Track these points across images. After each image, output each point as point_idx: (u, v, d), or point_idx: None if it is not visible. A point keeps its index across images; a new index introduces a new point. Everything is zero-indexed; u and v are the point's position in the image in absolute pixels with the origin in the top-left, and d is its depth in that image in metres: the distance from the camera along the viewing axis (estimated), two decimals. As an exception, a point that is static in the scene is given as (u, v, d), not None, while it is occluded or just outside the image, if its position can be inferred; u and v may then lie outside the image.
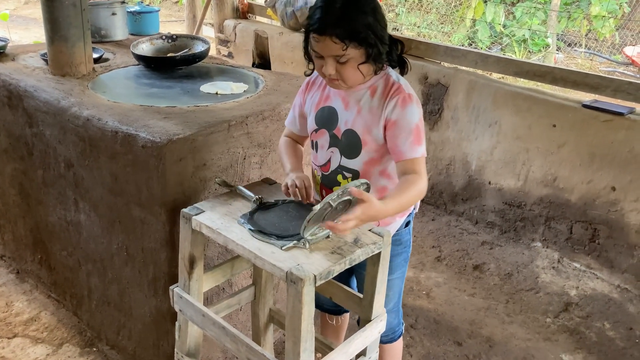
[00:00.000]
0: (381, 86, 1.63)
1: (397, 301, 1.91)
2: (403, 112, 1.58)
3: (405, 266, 1.88)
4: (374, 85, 1.63)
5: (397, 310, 1.93)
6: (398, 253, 1.83)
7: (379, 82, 1.63)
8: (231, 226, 1.57)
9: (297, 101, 1.82)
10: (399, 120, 1.59)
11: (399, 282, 1.88)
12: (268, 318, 2.05)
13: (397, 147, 1.59)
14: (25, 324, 2.55)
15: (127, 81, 2.37)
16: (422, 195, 1.60)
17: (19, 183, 2.48)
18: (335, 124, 1.69)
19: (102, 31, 2.88)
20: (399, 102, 1.58)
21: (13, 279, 2.85)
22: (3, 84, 2.29)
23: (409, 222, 1.84)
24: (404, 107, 1.58)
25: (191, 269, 1.70)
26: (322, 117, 1.72)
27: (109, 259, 2.14)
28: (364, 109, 1.63)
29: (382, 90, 1.62)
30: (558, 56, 7.04)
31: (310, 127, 1.76)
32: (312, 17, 1.53)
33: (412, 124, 1.58)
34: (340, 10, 1.49)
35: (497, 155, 3.30)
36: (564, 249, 3.11)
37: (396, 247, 1.81)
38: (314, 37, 1.53)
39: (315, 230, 1.47)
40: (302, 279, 1.35)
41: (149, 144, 1.75)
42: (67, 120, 2.02)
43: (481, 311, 2.74)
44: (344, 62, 1.53)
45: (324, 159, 1.74)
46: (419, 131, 1.59)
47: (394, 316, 1.93)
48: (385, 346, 1.98)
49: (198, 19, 4.89)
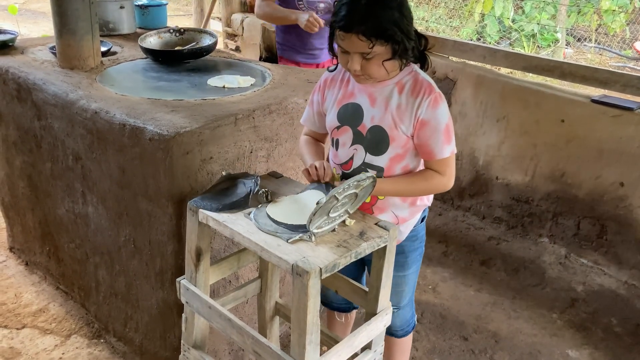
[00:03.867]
0: (409, 83, 1.62)
1: (411, 296, 1.93)
2: (435, 112, 1.59)
3: (419, 262, 1.90)
4: (402, 82, 1.63)
5: (411, 306, 1.95)
6: (414, 248, 1.84)
7: (407, 79, 1.63)
8: (238, 219, 1.58)
9: (315, 99, 1.79)
10: (431, 121, 1.60)
11: (414, 277, 1.90)
12: (274, 311, 2.05)
13: (428, 147, 1.62)
14: (34, 315, 2.57)
15: (135, 74, 2.38)
16: (435, 191, 1.70)
17: (28, 175, 2.50)
18: (360, 121, 1.67)
19: (110, 24, 2.88)
20: (431, 102, 1.59)
21: (22, 270, 2.87)
22: (12, 77, 2.30)
23: (424, 218, 1.85)
24: (435, 108, 1.59)
25: (198, 262, 1.71)
26: (346, 113, 1.70)
27: (117, 252, 2.15)
28: (392, 106, 1.63)
29: (412, 88, 1.62)
30: (567, 51, 6.99)
31: (331, 124, 1.74)
32: (338, 14, 1.53)
33: (442, 124, 1.61)
34: (365, 7, 1.48)
35: (505, 151, 3.29)
36: (572, 244, 3.10)
37: (412, 243, 1.83)
38: (339, 34, 1.53)
39: (321, 223, 1.47)
40: (308, 271, 1.36)
41: (156, 137, 1.76)
42: (75, 113, 2.03)
43: (487, 306, 2.74)
44: (370, 58, 1.54)
45: (345, 156, 1.72)
46: (449, 130, 1.62)
47: (409, 309, 1.95)
48: (398, 340, 2.00)
49: (206, 12, 4.89)
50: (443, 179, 1.66)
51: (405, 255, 1.84)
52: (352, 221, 1.57)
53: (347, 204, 1.50)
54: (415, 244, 1.83)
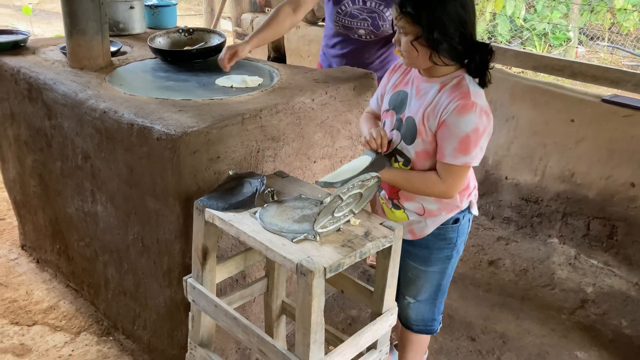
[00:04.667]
0: (451, 85, 1.64)
1: (434, 295, 1.92)
2: (458, 118, 1.59)
3: (448, 265, 1.87)
4: (445, 82, 1.66)
5: (431, 304, 1.94)
6: (439, 247, 1.84)
7: (452, 82, 1.65)
8: (244, 218, 1.59)
9: (383, 81, 1.89)
10: (451, 125, 1.61)
11: (437, 277, 1.89)
12: (280, 310, 2.06)
13: (441, 148, 1.65)
14: (45, 312, 2.60)
15: (144, 74, 2.40)
16: (431, 195, 1.72)
17: (39, 174, 2.52)
18: (403, 109, 1.75)
19: (121, 24, 2.91)
20: (458, 107, 1.59)
21: (33, 268, 2.91)
22: (24, 77, 2.33)
23: (458, 220, 1.82)
24: (460, 114, 1.59)
25: (204, 260, 1.72)
26: (396, 99, 1.79)
27: (125, 250, 2.17)
28: (427, 101, 1.67)
29: (451, 90, 1.64)
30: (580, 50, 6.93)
31: (383, 106, 1.85)
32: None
33: (462, 133, 1.60)
34: None
35: (514, 150, 3.27)
36: (581, 245, 3.08)
37: (439, 242, 1.83)
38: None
39: (326, 223, 1.48)
40: (312, 271, 1.36)
41: (164, 137, 1.77)
42: (84, 112, 2.05)
43: (495, 307, 2.73)
44: (402, 33, 1.62)
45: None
46: (468, 141, 1.60)
47: (428, 309, 1.95)
48: (412, 335, 2.01)
49: (216, 12, 4.91)
50: (441, 185, 1.67)
51: (430, 250, 1.85)
52: (357, 221, 1.57)
53: (352, 204, 1.50)
54: (442, 244, 1.83)
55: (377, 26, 2.47)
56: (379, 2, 2.44)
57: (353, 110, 2.36)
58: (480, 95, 1.63)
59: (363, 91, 2.38)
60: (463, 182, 1.69)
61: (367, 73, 2.42)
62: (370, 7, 2.45)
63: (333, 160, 2.38)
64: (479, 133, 1.60)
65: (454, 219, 1.82)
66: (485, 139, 1.63)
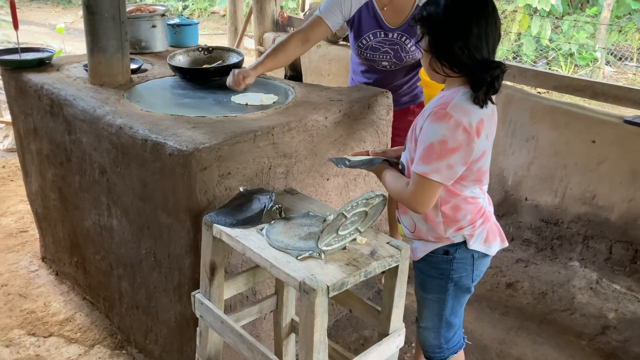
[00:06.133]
0: (444, 98, 1.63)
1: (437, 324, 1.85)
2: (428, 125, 1.59)
3: (446, 296, 1.80)
4: (444, 94, 1.66)
5: (436, 332, 1.87)
6: (431, 275, 1.79)
7: (447, 94, 1.64)
8: (250, 234, 1.59)
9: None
10: (422, 132, 1.61)
11: (435, 306, 1.83)
12: (290, 328, 2.05)
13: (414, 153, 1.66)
14: (61, 324, 2.64)
15: (162, 91, 2.44)
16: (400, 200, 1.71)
17: (59, 188, 2.58)
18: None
19: (143, 43, 2.98)
20: (431, 114, 1.59)
21: (53, 280, 2.96)
22: (46, 93, 2.39)
23: (448, 252, 1.74)
24: (431, 122, 1.58)
25: (212, 276, 1.72)
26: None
27: (138, 264, 2.19)
28: (425, 110, 1.68)
29: (440, 100, 1.63)
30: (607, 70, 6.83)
31: None
32: None
33: (428, 141, 1.57)
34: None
35: (534, 171, 3.22)
36: (603, 269, 3.00)
37: (430, 269, 1.79)
38: None
39: (331, 241, 1.47)
40: (315, 289, 1.36)
41: (176, 152, 1.80)
42: (101, 128, 2.09)
43: (512, 330, 2.66)
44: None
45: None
46: (431, 150, 1.55)
47: (433, 337, 1.89)
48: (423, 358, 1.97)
49: (239, 31, 5.00)
50: (405, 192, 1.63)
51: (423, 275, 1.82)
52: (363, 239, 1.56)
53: (357, 222, 1.49)
54: (434, 272, 1.78)
55: (400, 58, 2.47)
56: (400, 34, 2.43)
57: (367, 128, 2.36)
58: (464, 110, 1.55)
59: (378, 109, 2.38)
60: (426, 196, 1.59)
61: (383, 91, 2.42)
62: (392, 38, 2.45)
63: (346, 178, 2.38)
64: (447, 147, 1.54)
65: (444, 250, 1.74)
66: (458, 157, 1.55)
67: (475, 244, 1.72)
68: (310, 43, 2.50)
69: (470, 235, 1.71)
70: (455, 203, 1.68)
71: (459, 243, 1.73)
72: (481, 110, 1.57)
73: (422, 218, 1.72)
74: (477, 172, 1.66)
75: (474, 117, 1.56)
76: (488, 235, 1.75)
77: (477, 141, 1.57)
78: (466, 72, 1.57)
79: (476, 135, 1.56)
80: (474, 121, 1.56)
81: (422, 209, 1.63)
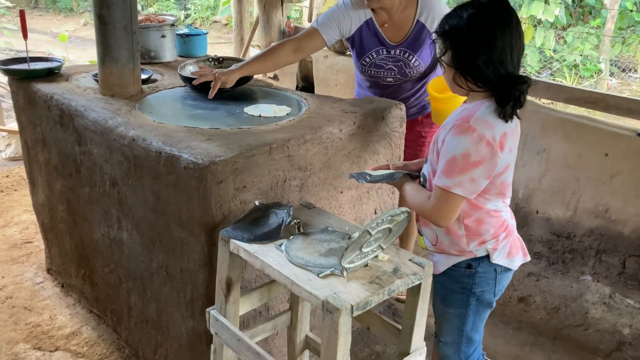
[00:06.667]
0: (467, 110, 1.61)
1: (457, 340, 1.83)
2: (450, 138, 1.57)
3: (467, 310, 1.77)
4: (466, 107, 1.63)
5: (456, 348, 1.84)
6: (453, 289, 1.77)
7: (471, 106, 1.61)
8: (269, 250, 1.56)
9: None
10: (444, 145, 1.59)
11: (456, 320, 1.80)
12: (304, 344, 2.01)
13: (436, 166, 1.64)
14: (67, 338, 2.59)
15: (173, 102, 2.41)
16: (421, 213, 1.69)
17: (67, 199, 2.54)
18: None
19: (152, 53, 2.95)
20: (454, 127, 1.56)
21: (58, 292, 2.91)
22: (56, 104, 2.36)
23: (471, 266, 1.72)
24: (453, 135, 1.56)
25: (228, 292, 1.69)
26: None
27: (149, 278, 2.15)
28: (446, 122, 1.67)
29: (461, 112, 1.62)
30: (611, 82, 6.82)
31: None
32: None
33: (450, 154, 1.56)
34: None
35: (546, 184, 3.19)
36: (616, 283, 2.96)
37: (452, 283, 1.76)
38: None
39: (354, 258, 1.44)
40: (339, 308, 1.32)
41: (191, 165, 1.76)
42: (113, 139, 2.06)
43: (526, 346, 2.62)
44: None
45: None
46: (454, 164, 1.54)
47: (453, 352, 1.86)
48: None
49: (245, 41, 4.98)
50: (427, 205, 1.62)
51: (445, 288, 1.79)
52: (385, 256, 1.53)
53: (381, 239, 1.46)
54: (456, 286, 1.75)
55: (405, 74, 2.45)
56: (403, 50, 2.41)
57: (381, 140, 2.33)
58: (487, 123, 1.54)
59: (391, 121, 2.36)
60: (448, 209, 1.58)
61: (396, 103, 2.39)
62: (394, 55, 2.43)
63: (360, 191, 2.34)
64: (470, 160, 1.52)
65: (466, 263, 1.73)
66: (481, 171, 1.53)
67: (498, 258, 1.70)
68: (302, 53, 2.46)
69: (493, 249, 1.69)
70: (479, 216, 1.66)
71: (482, 257, 1.71)
72: (505, 124, 1.55)
73: (444, 231, 1.69)
74: (500, 185, 1.64)
75: (498, 131, 1.54)
76: (511, 249, 1.73)
77: (501, 155, 1.55)
78: (491, 87, 1.55)
79: (500, 149, 1.54)
80: (497, 135, 1.54)
81: (444, 222, 1.61)
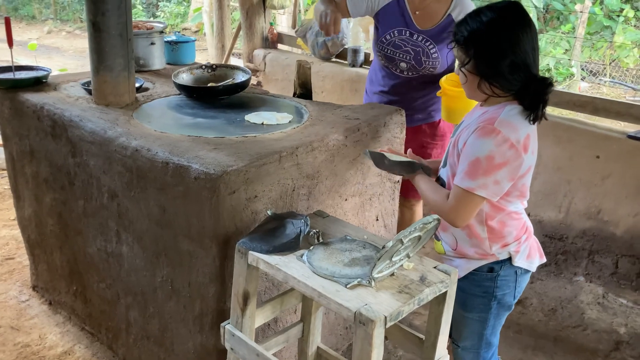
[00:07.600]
0: (489, 113, 1.60)
1: (477, 345, 1.82)
2: (474, 140, 1.56)
3: (488, 314, 1.76)
4: (487, 109, 1.62)
5: (475, 353, 1.84)
6: (474, 294, 1.76)
7: (492, 110, 1.60)
8: (290, 261, 1.51)
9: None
10: (467, 146, 1.58)
11: (477, 325, 1.79)
12: (315, 356, 1.97)
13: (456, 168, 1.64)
14: (59, 358, 2.48)
15: (170, 111, 2.35)
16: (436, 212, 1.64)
17: (58, 213, 2.44)
18: (455, 133, 1.73)
19: (141, 60, 2.87)
20: (478, 129, 1.56)
21: (46, 310, 2.79)
22: (47, 114, 2.27)
23: (493, 269, 1.72)
24: (477, 137, 1.55)
25: (244, 306, 1.64)
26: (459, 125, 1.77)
27: (152, 293, 2.08)
28: (465, 125, 1.66)
29: (483, 115, 1.61)
30: (582, 85, 6.99)
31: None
32: None
33: (473, 156, 1.55)
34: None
35: (537, 187, 3.22)
36: (609, 284, 3.01)
37: (474, 287, 1.75)
38: None
39: (383, 267, 1.41)
40: (373, 320, 1.29)
41: (202, 176, 1.71)
42: (113, 150, 1.98)
43: (529, 349, 2.63)
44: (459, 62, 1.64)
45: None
46: (478, 166, 1.54)
47: (472, 357, 1.85)
48: None
49: (227, 48, 4.92)
50: (445, 205, 1.62)
51: (466, 295, 1.77)
52: (410, 264, 1.50)
53: (409, 247, 1.43)
54: (477, 290, 1.74)
55: (420, 61, 2.45)
56: (426, 38, 2.42)
57: (384, 147, 2.31)
58: (511, 126, 1.54)
59: (392, 127, 2.34)
60: (467, 210, 1.58)
61: (396, 109, 2.38)
62: (416, 40, 2.44)
63: (363, 198, 2.32)
64: (494, 162, 1.53)
65: (488, 267, 1.72)
66: (505, 173, 1.54)
67: (520, 260, 1.71)
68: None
69: (515, 252, 1.70)
70: (501, 219, 1.66)
71: (504, 260, 1.71)
72: (528, 126, 1.56)
73: (466, 234, 1.68)
74: (522, 187, 1.65)
75: (522, 133, 1.55)
76: (530, 251, 1.74)
77: (525, 157, 1.56)
78: (517, 91, 1.55)
79: (523, 151, 1.55)
80: (521, 137, 1.54)
81: (461, 223, 1.62)
